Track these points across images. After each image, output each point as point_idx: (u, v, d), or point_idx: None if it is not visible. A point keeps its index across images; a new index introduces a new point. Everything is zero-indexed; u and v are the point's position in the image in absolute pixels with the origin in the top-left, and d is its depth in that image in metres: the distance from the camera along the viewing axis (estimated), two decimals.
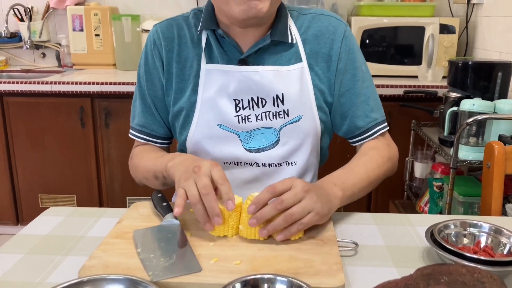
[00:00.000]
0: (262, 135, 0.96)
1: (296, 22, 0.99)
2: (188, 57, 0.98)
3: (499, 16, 2.03)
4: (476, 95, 1.67)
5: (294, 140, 0.97)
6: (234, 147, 0.97)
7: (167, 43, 0.98)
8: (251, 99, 0.95)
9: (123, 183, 2.29)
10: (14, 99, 2.21)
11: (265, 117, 0.95)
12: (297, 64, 0.96)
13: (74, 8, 2.55)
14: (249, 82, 0.94)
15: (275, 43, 0.96)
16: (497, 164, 0.94)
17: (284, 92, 0.94)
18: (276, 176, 0.99)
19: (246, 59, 0.95)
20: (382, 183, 2.36)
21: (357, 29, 2.23)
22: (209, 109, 0.95)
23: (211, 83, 0.95)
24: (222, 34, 0.94)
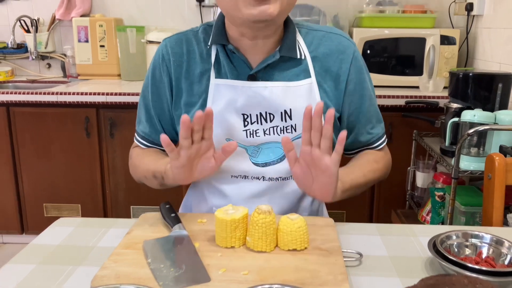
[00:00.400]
0: (269, 150, 0.98)
1: (305, 39, 1.01)
2: (198, 72, 0.99)
3: (499, 28, 2.06)
4: (477, 106, 1.69)
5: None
6: (242, 161, 0.99)
7: (176, 58, 1.00)
8: (259, 114, 0.96)
9: (127, 193, 2.31)
10: (20, 109, 2.24)
11: (273, 131, 0.97)
12: (305, 80, 0.98)
13: (80, 20, 2.59)
14: (258, 97, 0.95)
15: (284, 59, 0.97)
16: (498, 176, 0.96)
17: (292, 107, 0.96)
18: (283, 189, 1.01)
19: (255, 74, 0.96)
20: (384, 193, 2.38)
21: (359, 40, 2.26)
22: (218, 124, 0.97)
23: (220, 98, 0.97)
24: (233, 49, 0.95)
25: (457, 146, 1.53)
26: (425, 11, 2.33)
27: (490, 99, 1.70)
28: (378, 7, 2.38)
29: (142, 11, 2.71)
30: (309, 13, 2.38)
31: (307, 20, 2.37)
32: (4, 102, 2.21)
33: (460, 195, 1.62)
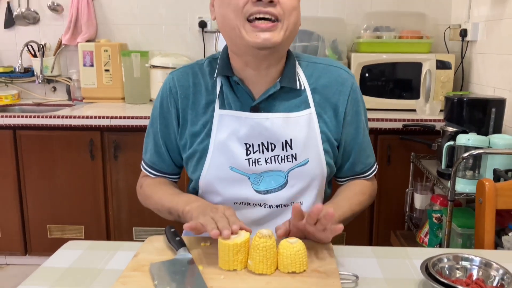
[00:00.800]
0: (271, 178, 1.02)
1: (306, 70, 1.06)
2: (203, 104, 1.04)
3: (492, 53, 2.13)
4: (472, 130, 1.73)
5: (301, 182, 1.03)
6: (244, 188, 1.03)
7: (182, 90, 1.05)
8: (261, 144, 1.01)
9: (130, 214, 2.34)
10: (26, 133, 2.29)
11: (274, 160, 1.01)
12: (305, 110, 1.02)
13: (85, 45, 2.66)
14: (260, 128, 1.00)
15: (285, 90, 1.02)
16: (488, 200, 1.00)
17: (292, 137, 1.00)
18: (284, 216, 1.05)
19: (257, 105, 1.01)
20: (383, 214, 2.41)
21: (357, 65, 2.33)
22: (221, 152, 1.01)
23: (224, 128, 1.01)
24: (237, 80, 1.00)
25: (453, 169, 1.57)
26: (421, 37, 2.40)
27: (484, 123, 1.75)
28: (375, 33, 2.45)
29: (146, 36, 2.79)
30: (309, 38, 2.45)
31: (306, 45, 2.44)
32: (11, 125, 2.27)
33: (456, 217, 1.65)
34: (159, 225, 2.27)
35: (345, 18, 2.67)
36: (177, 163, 1.14)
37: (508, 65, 1.95)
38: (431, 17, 2.59)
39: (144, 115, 2.22)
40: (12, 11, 2.79)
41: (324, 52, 2.43)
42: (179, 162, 1.13)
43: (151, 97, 2.65)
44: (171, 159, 1.13)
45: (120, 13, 2.78)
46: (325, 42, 2.45)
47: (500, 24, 2.04)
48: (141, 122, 2.20)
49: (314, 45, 2.45)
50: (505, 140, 1.59)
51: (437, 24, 2.61)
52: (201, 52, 2.77)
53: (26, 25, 2.81)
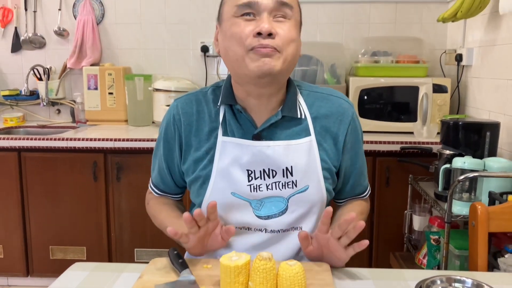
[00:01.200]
0: (272, 203, 1.05)
1: (306, 99, 1.10)
2: (206, 131, 1.08)
3: (487, 78, 2.18)
4: (468, 153, 1.77)
5: (301, 208, 1.07)
6: (246, 213, 1.06)
7: (186, 118, 1.10)
8: (262, 170, 1.04)
9: (132, 236, 2.36)
10: (31, 154, 2.33)
11: (275, 186, 1.05)
12: (306, 138, 1.06)
13: (90, 68, 2.73)
14: (262, 155, 1.03)
15: (286, 119, 1.06)
16: (480, 224, 1.04)
17: (293, 164, 1.04)
18: (284, 241, 1.08)
19: (259, 133, 1.05)
20: (382, 236, 2.43)
21: (355, 88, 2.38)
22: (224, 178, 1.05)
23: (226, 154, 1.05)
24: (240, 109, 1.05)
25: (449, 192, 1.61)
26: (418, 61, 2.46)
27: (479, 146, 1.79)
28: (373, 57, 2.52)
29: (150, 60, 2.86)
30: (308, 63, 2.52)
31: (306, 69, 2.50)
32: (16, 147, 2.31)
33: (454, 239, 1.68)
34: (160, 247, 2.29)
35: (343, 43, 2.74)
36: (179, 185, 1.18)
37: (502, 89, 2.01)
38: (427, 42, 2.66)
39: (147, 137, 2.26)
40: (20, 36, 2.87)
41: (323, 76, 2.49)
42: (181, 184, 1.18)
43: (154, 119, 2.70)
44: (173, 182, 1.17)
45: (124, 38, 2.86)
46: (324, 66, 2.51)
47: (493, 50, 2.10)
48: (144, 144, 2.24)
49: (313, 69, 2.51)
50: (500, 163, 1.63)
51: (433, 49, 2.68)
52: (203, 76, 2.83)
53: (32, 49, 2.88)
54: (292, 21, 0.99)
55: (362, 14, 2.73)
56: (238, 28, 0.96)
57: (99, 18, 2.84)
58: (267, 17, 0.96)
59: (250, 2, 0.96)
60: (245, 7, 0.96)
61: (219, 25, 1.05)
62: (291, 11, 0.99)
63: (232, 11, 0.98)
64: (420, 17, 2.70)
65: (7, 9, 2.86)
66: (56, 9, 2.83)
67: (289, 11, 0.99)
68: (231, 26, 0.98)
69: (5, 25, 2.87)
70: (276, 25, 0.96)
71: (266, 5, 0.96)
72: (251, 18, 0.96)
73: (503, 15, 1.97)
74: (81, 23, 2.80)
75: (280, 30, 0.96)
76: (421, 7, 2.69)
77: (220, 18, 1.04)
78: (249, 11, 0.96)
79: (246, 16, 0.97)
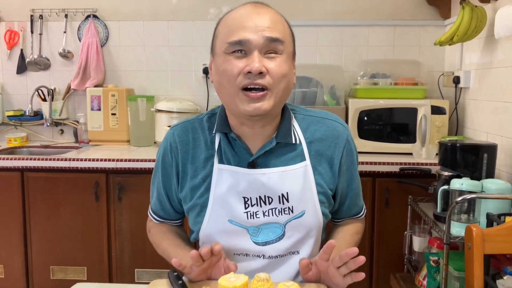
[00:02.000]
0: (269, 230, 1.07)
1: (301, 124, 1.12)
2: (202, 158, 1.09)
3: (484, 100, 2.21)
4: (466, 174, 1.79)
5: (298, 233, 1.08)
6: (243, 240, 1.07)
7: (182, 146, 1.11)
8: (259, 197, 1.06)
9: (132, 256, 2.37)
10: (34, 174, 2.36)
11: (271, 213, 1.06)
12: (301, 163, 1.08)
13: (94, 90, 2.77)
14: (257, 183, 1.05)
15: (281, 145, 1.08)
16: (476, 246, 1.05)
17: (288, 191, 1.05)
18: (282, 266, 1.09)
19: (254, 161, 1.06)
20: (383, 257, 2.43)
21: (354, 110, 2.41)
22: (221, 206, 1.06)
23: (222, 182, 1.06)
24: (235, 137, 1.06)
25: (448, 213, 1.62)
26: (416, 83, 2.50)
27: (477, 168, 1.81)
28: (372, 79, 2.56)
29: (152, 82, 2.91)
30: (308, 84, 2.56)
31: (306, 91, 2.54)
32: (19, 167, 2.34)
33: (453, 260, 1.68)
34: (160, 267, 2.29)
35: (342, 65, 2.79)
36: (178, 211, 1.20)
37: (499, 111, 2.03)
38: (425, 65, 2.71)
39: (149, 158, 2.29)
40: (25, 58, 2.93)
41: (323, 98, 2.52)
42: (180, 210, 1.20)
43: (156, 140, 2.73)
44: (172, 208, 1.19)
45: (128, 60, 2.91)
46: (323, 88, 2.55)
47: (490, 72, 2.13)
48: (146, 164, 2.27)
49: (313, 91, 2.55)
50: (498, 185, 1.64)
51: (431, 71, 2.72)
52: (205, 97, 2.88)
53: (37, 70, 2.94)
54: (284, 55, 1.00)
55: (361, 37, 2.79)
56: (229, 65, 0.98)
57: (103, 40, 2.90)
58: (258, 55, 0.96)
59: (241, 40, 0.97)
60: (236, 45, 0.97)
61: (212, 57, 1.06)
62: (282, 46, 0.99)
63: (223, 47, 0.99)
64: (418, 40, 2.76)
65: (13, 32, 2.92)
66: (61, 31, 2.89)
67: (281, 46, 0.99)
68: (222, 63, 0.99)
69: (11, 47, 2.93)
70: (267, 62, 0.97)
71: (256, 42, 0.97)
72: (242, 55, 0.98)
73: (499, 39, 2.01)
74: (85, 45, 2.85)
75: (271, 66, 0.97)
76: (419, 30, 2.75)
77: (213, 50, 1.06)
78: (240, 48, 0.97)
79: (237, 53, 0.98)
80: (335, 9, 2.79)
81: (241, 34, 0.97)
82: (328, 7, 2.79)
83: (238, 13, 1.01)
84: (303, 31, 2.79)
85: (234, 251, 1.08)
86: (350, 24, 2.78)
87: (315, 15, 2.80)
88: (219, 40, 1.02)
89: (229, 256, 1.09)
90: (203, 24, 2.85)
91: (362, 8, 2.77)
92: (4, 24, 2.93)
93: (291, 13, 2.72)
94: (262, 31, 0.97)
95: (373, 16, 2.77)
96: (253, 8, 1.01)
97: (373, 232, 2.26)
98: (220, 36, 1.02)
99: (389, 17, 2.76)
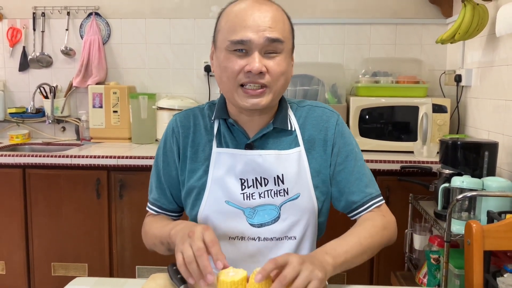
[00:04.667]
0: (264, 211, 1.09)
1: (296, 113, 1.17)
2: (201, 142, 1.14)
3: (485, 98, 2.21)
4: (466, 172, 1.79)
5: (293, 216, 1.10)
6: (240, 222, 1.09)
7: (184, 130, 1.16)
8: (255, 179, 1.09)
9: (133, 253, 2.38)
10: (36, 171, 2.36)
11: (267, 195, 1.09)
12: (295, 148, 1.12)
13: (95, 87, 2.78)
14: (253, 164, 1.09)
15: (277, 131, 1.13)
16: (475, 242, 1.05)
17: (283, 173, 1.09)
18: (277, 250, 1.10)
19: (252, 143, 1.11)
20: (383, 255, 2.44)
21: (356, 108, 2.41)
22: (218, 187, 1.10)
23: (220, 165, 1.11)
24: (233, 122, 1.11)
25: (448, 211, 1.62)
26: (418, 82, 2.49)
27: (478, 166, 1.81)
28: (373, 77, 2.55)
29: (154, 79, 2.92)
30: (309, 82, 2.56)
31: (307, 89, 2.54)
32: (21, 164, 2.34)
33: (454, 258, 1.68)
34: (161, 264, 2.29)
35: (344, 63, 2.79)
36: (178, 200, 1.21)
37: (500, 109, 2.03)
38: (427, 63, 2.70)
39: (150, 155, 2.29)
40: (27, 55, 2.93)
41: (324, 96, 2.52)
42: (179, 200, 1.20)
43: (157, 137, 2.73)
44: (171, 196, 1.20)
45: (130, 58, 2.92)
46: (325, 86, 2.55)
47: (492, 71, 2.13)
48: (147, 162, 2.27)
49: (315, 89, 2.55)
50: (498, 182, 1.64)
51: (432, 70, 2.72)
52: (206, 95, 2.88)
53: (39, 68, 2.94)
54: (283, 54, 1.05)
55: (363, 35, 2.78)
56: (230, 63, 1.03)
57: (105, 38, 2.90)
58: (258, 55, 1.01)
59: (243, 40, 1.01)
60: (238, 44, 1.02)
61: (214, 48, 1.11)
62: (282, 45, 1.04)
63: (225, 44, 1.03)
64: (419, 38, 2.75)
65: (16, 29, 2.93)
66: (64, 29, 2.90)
67: (280, 45, 1.04)
68: (224, 60, 1.04)
69: (14, 45, 2.94)
70: (267, 61, 1.03)
71: (257, 42, 1.01)
72: (243, 54, 1.03)
73: (500, 37, 2.01)
74: (87, 43, 2.86)
75: (271, 65, 1.03)
76: (420, 28, 2.74)
77: (215, 42, 1.10)
78: (241, 47, 1.02)
79: (239, 52, 1.03)
80: (337, 7, 2.79)
81: (243, 33, 1.01)
82: (330, 5, 2.79)
83: (240, 7, 1.05)
84: (305, 29, 2.79)
85: (230, 235, 1.10)
86: (352, 22, 2.78)
87: (317, 13, 2.80)
88: (221, 35, 1.06)
89: (225, 240, 1.10)
90: (204, 22, 2.85)
91: (363, 6, 2.77)
92: (6, 21, 2.94)
93: (293, 11, 2.70)
94: (263, 31, 1.01)
95: (375, 14, 2.77)
96: (255, 3, 1.04)
97: None
98: (222, 31, 1.06)
99: (391, 15, 2.75)
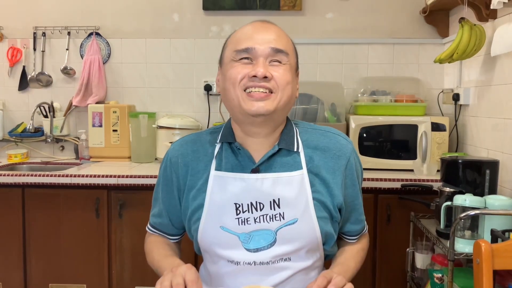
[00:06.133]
0: (260, 236, 1.08)
1: (302, 135, 1.15)
2: (200, 168, 1.14)
3: (483, 117, 2.23)
4: (468, 190, 1.79)
5: (290, 241, 1.08)
6: (235, 247, 1.08)
7: (182, 159, 1.16)
8: (250, 204, 1.08)
9: (133, 273, 2.34)
10: (34, 191, 2.34)
11: (263, 219, 1.07)
12: (298, 171, 1.10)
13: (95, 106, 2.78)
14: (250, 187, 1.08)
15: (282, 152, 1.11)
16: (485, 261, 1.05)
17: (280, 196, 1.07)
18: (273, 275, 1.09)
19: (258, 168, 1.10)
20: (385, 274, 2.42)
21: (355, 127, 2.43)
22: (213, 213, 1.09)
23: (217, 189, 1.10)
24: (239, 146, 1.11)
25: (451, 229, 1.62)
26: (416, 100, 2.52)
27: (479, 184, 1.82)
28: (372, 96, 2.58)
29: (154, 98, 2.93)
30: (308, 101, 2.58)
31: (306, 108, 2.56)
32: (19, 183, 2.33)
33: (458, 277, 1.67)
34: None
35: (342, 82, 2.81)
36: (177, 226, 1.22)
37: (499, 128, 2.05)
38: (424, 82, 2.74)
39: (150, 174, 2.29)
40: (27, 75, 2.94)
41: (324, 114, 2.54)
42: (178, 225, 1.21)
43: (157, 156, 2.73)
44: (171, 222, 1.21)
45: (129, 77, 2.93)
46: (324, 105, 2.57)
47: (489, 89, 2.16)
48: (147, 181, 2.26)
49: (314, 107, 2.57)
50: (501, 201, 1.65)
51: (430, 89, 2.76)
52: (206, 114, 2.89)
53: (39, 87, 2.95)
54: (287, 66, 1.07)
55: (361, 55, 2.82)
56: (235, 70, 1.05)
57: (105, 57, 2.92)
58: (263, 62, 1.04)
59: (248, 48, 1.04)
60: (243, 52, 1.05)
61: (220, 68, 1.13)
62: (286, 57, 1.07)
63: (231, 55, 1.07)
64: (417, 57, 2.79)
65: (16, 49, 2.94)
66: (64, 49, 2.91)
67: (285, 57, 1.06)
68: (229, 69, 1.06)
69: (14, 64, 2.95)
70: (271, 69, 1.05)
71: (262, 51, 1.04)
72: (248, 62, 1.05)
73: (497, 57, 2.04)
74: (87, 62, 2.87)
75: (275, 73, 1.04)
76: (418, 48, 2.78)
77: (221, 61, 1.12)
78: (246, 56, 1.05)
79: (244, 60, 1.05)
80: (334, 28, 2.83)
81: (249, 43, 1.05)
82: (328, 26, 2.83)
83: (246, 28, 1.10)
84: (303, 49, 2.82)
85: (227, 259, 1.10)
86: (350, 42, 2.81)
87: (316, 33, 2.84)
88: (228, 50, 1.09)
89: (221, 264, 1.10)
90: (204, 42, 2.88)
91: (361, 26, 2.81)
92: (7, 41, 2.95)
93: (292, 32, 2.73)
94: (268, 43, 1.05)
95: (372, 35, 2.81)
96: (260, 24, 1.10)
97: (375, 249, 2.25)
98: (229, 47, 1.09)
99: (388, 35, 2.80)
